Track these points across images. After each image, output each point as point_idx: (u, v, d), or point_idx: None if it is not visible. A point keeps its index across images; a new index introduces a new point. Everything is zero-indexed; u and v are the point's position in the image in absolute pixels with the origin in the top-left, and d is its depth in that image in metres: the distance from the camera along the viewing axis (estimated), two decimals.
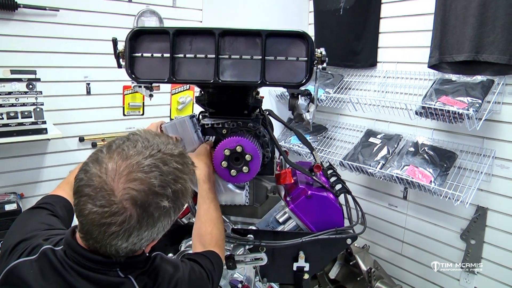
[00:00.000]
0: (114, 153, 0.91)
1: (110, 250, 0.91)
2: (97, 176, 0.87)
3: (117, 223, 0.86)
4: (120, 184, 0.87)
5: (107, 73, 2.81)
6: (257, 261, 1.50)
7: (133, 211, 0.87)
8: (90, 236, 0.90)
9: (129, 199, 0.86)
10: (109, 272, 0.95)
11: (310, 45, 1.25)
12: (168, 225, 0.97)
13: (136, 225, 0.88)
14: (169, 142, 0.99)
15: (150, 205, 0.88)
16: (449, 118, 2.37)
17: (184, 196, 0.96)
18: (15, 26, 2.48)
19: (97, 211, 0.86)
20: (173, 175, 0.93)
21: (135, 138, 0.95)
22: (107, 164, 0.89)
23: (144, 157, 0.90)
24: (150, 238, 0.94)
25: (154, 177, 0.89)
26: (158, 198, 0.89)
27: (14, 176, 2.60)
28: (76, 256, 0.94)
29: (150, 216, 0.89)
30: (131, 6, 2.88)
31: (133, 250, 0.95)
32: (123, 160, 0.89)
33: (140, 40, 1.31)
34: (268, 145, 1.53)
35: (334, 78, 3.23)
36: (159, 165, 0.91)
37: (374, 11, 3.00)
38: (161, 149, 0.94)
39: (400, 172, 2.57)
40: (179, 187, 0.93)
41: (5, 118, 2.29)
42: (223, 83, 1.28)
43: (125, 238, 0.88)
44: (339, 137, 3.32)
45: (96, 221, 0.86)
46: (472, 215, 2.57)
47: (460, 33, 2.36)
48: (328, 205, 1.54)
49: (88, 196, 0.87)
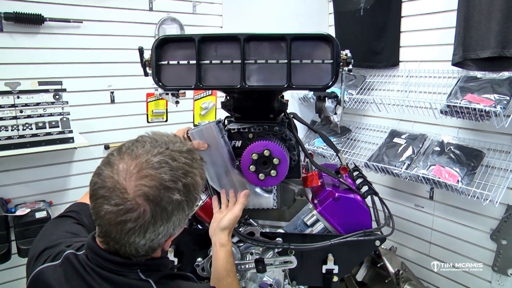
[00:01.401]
0: (124, 154, 0.94)
1: (130, 249, 0.94)
2: (110, 177, 0.91)
3: (132, 220, 0.88)
4: (131, 182, 0.90)
5: (130, 81, 2.86)
6: (287, 264, 1.49)
7: (146, 206, 0.89)
8: (110, 237, 0.93)
9: (142, 195, 0.89)
10: (129, 274, 0.97)
11: (336, 48, 1.25)
12: (183, 219, 0.99)
13: (151, 220, 0.90)
14: (177, 141, 1.02)
15: (162, 199, 0.90)
16: (475, 116, 2.32)
17: (195, 189, 0.98)
18: (42, 39, 2.55)
19: (112, 210, 0.89)
20: (183, 169, 0.95)
21: (144, 139, 0.98)
22: (118, 165, 0.92)
23: (153, 154, 0.93)
24: (167, 234, 0.96)
25: (164, 172, 0.92)
26: (170, 192, 0.91)
27: (43, 185, 2.67)
28: (97, 259, 0.97)
29: (163, 210, 0.91)
30: (152, 15, 2.93)
31: (152, 248, 0.97)
32: (133, 159, 0.92)
33: (166, 48, 1.33)
34: (294, 148, 1.53)
35: (357, 79, 3.21)
36: (168, 161, 0.93)
37: (395, 10, 2.97)
38: (169, 147, 0.97)
39: (426, 172, 2.53)
40: (189, 181, 0.95)
41: (34, 129, 2.35)
42: (250, 88, 1.29)
43: (142, 234, 0.91)
44: (363, 138, 3.29)
45: (113, 220, 0.89)
46: (502, 214, 2.51)
47: (485, 29, 2.31)
48: (356, 207, 1.53)
49: (103, 197, 0.90)
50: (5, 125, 2.27)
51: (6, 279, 2.56)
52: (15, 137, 2.29)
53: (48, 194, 2.69)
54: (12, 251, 2.43)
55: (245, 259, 1.54)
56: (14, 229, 2.41)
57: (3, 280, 2.56)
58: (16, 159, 2.49)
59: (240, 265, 1.49)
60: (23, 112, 2.33)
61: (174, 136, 1.04)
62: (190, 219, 1.63)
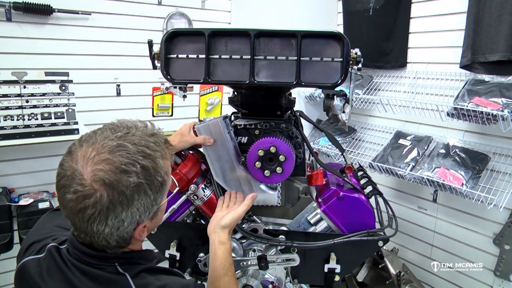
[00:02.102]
0: (83, 142, 0.93)
1: (100, 240, 0.93)
2: (69, 166, 0.90)
3: (90, 206, 0.87)
4: (88, 167, 0.88)
5: (136, 74, 2.86)
6: (289, 262, 1.49)
7: (103, 191, 0.87)
8: (77, 228, 0.93)
9: (98, 180, 0.88)
10: (107, 267, 0.97)
11: (346, 46, 1.25)
12: (149, 205, 0.95)
13: (109, 205, 0.88)
14: (142, 126, 1.00)
15: (119, 183, 0.88)
16: (482, 119, 2.31)
17: (156, 171, 0.94)
18: (50, 30, 2.55)
19: (72, 198, 0.88)
20: (142, 152, 0.93)
21: (105, 127, 0.98)
22: (77, 154, 0.91)
23: (110, 139, 0.92)
24: (133, 221, 0.93)
25: (120, 155, 0.90)
26: (127, 174, 0.89)
27: (47, 175, 2.67)
28: (77, 252, 0.98)
29: (121, 193, 0.89)
30: (160, 9, 2.92)
31: (122, 238, 0.95)
32: (90, 146, 0.91)
33: (176, 42, 1.33)
34: (300, 146, 1.53)
35: (364, 79, 3.20)
36: (125, 145, 0.92)
37: (404, 11, 2.96)
38: (130, 131, 0.96)
39: (431, 174, 2.52)
40: (148, 163, 0.93)
41: (39, 119, 2.35)
42: (259, 83, 1.28)
43: (103, 221, 0.89)
44: (368, 138, 3.28)
45: (74, 208, 0.89)
46: (506, 219, 2.49)
47: (495, 32, 2.29)
48: (360, 207, 1.53)
49: (64, 186, 0.90)
50: (11, 114, 2.28)
51: (8, 268, 2.57)
52: (21, 126, 2.30)
53: (51, 185, 2.69)
54: (14, 240, 2.44)
55: (247, 255, 1.54)
56: (17, 218, 2.42)
57: (6, 269, 2.57)
58: (21, 149, 2.50)
59: (242, 262, 1.49)
60: (29, 102, 2.33)
61: (141, 122, 1.02)
62: (193, 214, 1.63)
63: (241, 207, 1.40)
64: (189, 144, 1.45)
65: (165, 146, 1.02)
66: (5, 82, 2.27)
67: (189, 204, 1.56)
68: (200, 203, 1.52)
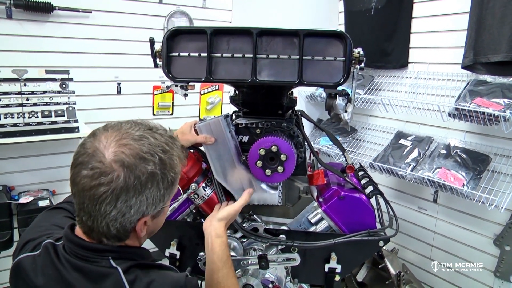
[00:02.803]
0: (109, 127, 0.99)
1: (102, 225, 0.94)
2: (92, 145, 0.94)
3: (105, 183, 0.90)
4: (111, 148, 0.93)
5: (137, 73, 2.85)
6: (290, 261, 1.49)
7: (120, 171, 0.90)
8: (83, 210, 0.94)
9: (118, 160, 0.91)
10: (101, 261, 0.97)
11: (348, 45, 1.24)
12: (158, 199, 0.98)
13: (124, 185, 0.91)
14: (162, 128, 1.05)
15: (136, 167, 0.92)
16: (483, 120, 2.30)
17: (171, 168, 0.99)
18: (50, 28, 2.55)
19: (87, 174, 0.91)
20: (161, 147, 0.98)
21: (130, 121, 1.02)
22: (100, 136, 0.96)
23: (135, 129, 0.98)
24: (139, 210, 0.95)
25: (142, 144, 0.95)
26: (145, 162, 0.93)
27: (47, 173, 2.67)
28: (71, 246, 0.98)
29: (136, 178, 0.92)
30: (161, 7, 2.92)
31: (124, 227, 0.96)
32: (116, 131, 0.97)
33: (178, 40, 1.32)
34: (301, 146, 1.52)
35: (365, 79, 3.20)
36: (148, 137, 0.97)
37: (406, 11, 2.95)
38: (152, 129, 1.02)
39: (432, 174, 2.52)
40: (166, 158, 0.98)
41: (39, 117, 2.35)
42: (261, 82, 1.28)
43: (113, 202, 0.91)
44: (369, 138, 3.28)
45: (87, 185, 0.91)
46: (507, 220, 2.49)
47: (497, 33, 2.29)
48: (361, 207, 1.52)
49: (82, 163, 0.93)
50: (11, 112, 2.27)
51: (8, 266, 2.53)
52: (21, 124, 2.29)
53: (51, 183, 2.69)
54: (14, 238, 2.44)
55: (248, 254, 1.53)
56: (17, 216, 2.42)
57: (5, 267, 2.57)
58: (21, 147, 2.49)
59: (242, 261, 1.48)
60: (29, 100, 2.33)
61: (161, 126, 1.07)
62: (193, 213, 1.63)
63: (238, 201, 1.42)
64: (190, 143, 1.45)
65: (181, 150, 1.07)
66: (6, 79, 2.26)
67: (189, 203, 1.55)
68: (200, 202, 1.51)
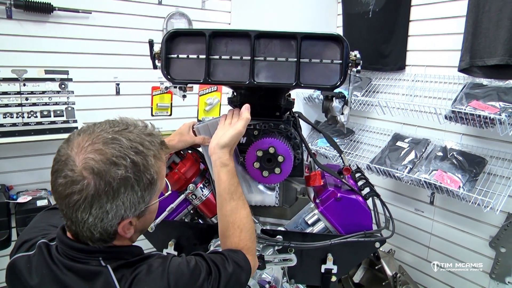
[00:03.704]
0: (81, 132, 0.97)
1: (84, 230, 0.94)
2: (65, 152, 0.94)
3: (77, 192, 0.90)
4: (81, 155, 0.91)
5: (136, 74, 2.86)
6: (286, 262, 1.50)
7: (90, 179, 0.90)
8: (64, 215, 0.95)
9: (88, 168, 0.90)
10: (91, 261, 0.98)
11: (345, 48, 1.25)
12: (136, 202, 0.96)
13: (95, 193, 0.90)
14: (142, 125, 1.03)
15: (107, 173, 0.90)
16: (479, 123, 2.32)
17: (146, 169, 0.95)
18: (50, 28, 2.56)
19: (62, 182, 0.91)
20: (135, 148, 0.94)
21: (106, 121, 1.01)
22: (73, 141, 0.94)
23: (107, 132, 0.95)
24: (118, 214, 0.94)
25: (113, 148, 0.92)
26: (116, 167, 0.91)
27: (46, 173, 2.63)
28: (63, 247, 0.99)
29: (107, 184, 0.90)
30: (160, 8, 2.93)
31: (106, 231, 0.95)
32: (87, 135, 0.94)
33: (176, 42, 1.34)
34: (298, 147, 1.53)
35: (362, 81, 3.21)
36: (120, 139, 0.94)
37: (404, 13, 2.97)
38: (128, 128, 0.99)
39: (428, 176, 2.53)
40: (139, 159, 0.94)
41: (39, 117, 2.36)
42: (258, 84, 1.29)
43: (87, 209, 0.91)
44: (366, 140, 3.29)
45: (62, 193, 0.91)
46: (502, 222, 2.51)
47: (493, 36, 2.31)
48: (358, 208, 1.53)
49: (57, 171, 0.93)
50: (10, 112, 2.28)
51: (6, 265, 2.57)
52: (20, 124, 2.30)
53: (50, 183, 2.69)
54: (12, 237, 2.44)
55: None
56: (15, 216, 2.42)
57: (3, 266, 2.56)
58: (20, 146, 2.50)
59: None
60: (28, 99, 2.34)
61: (142, 122, 1.05)
62: (191, 213, 1.64)
63: (239, 122, 1.30)
64: (188, 143, 1.46)
65: (160, 147, 1.03)
66: (5, 79, 2.28)
67: (187, 203, 1.56)
68: (198, 202, 1.52)
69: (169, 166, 1.45)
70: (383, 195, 3.14)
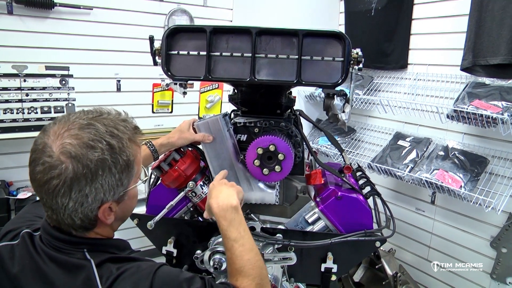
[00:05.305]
0: (57, 121, 0.98)
1: (65, 217, 0.95)
2: (42, 141, 0.95)
3: (56, 176, 0.91)
4: (58, 141, 0.93)
5: (137, 70, 2.86)
6: (286, 260, 1.49)
7: (68, 163, 0.91)
8: (44, 204, 0.96)
9: (65, 152, 0.92)
10: (75, 253, 0.98)
11: (347, 46, 1.25)
12: (114, 184, 0.97)
13: (73, 176, 0.91)
14: (116, 113, 1.05)
15: (84, 156, 0.92)
16: (481, 122, 2.31)
17: (122, 151, 0.97)
18: (51, 24, 2.55)
19: (40, 169, 0.92)
20: (110, 132, 0.97)
21: (81, 111, 1.02)
22: (49, 131, 0.96)
23: (82, 119, 0.97)
24: (97, 198, 0.96)
25: (88, 132, 0.94)
26: (93, 150, 0.93)
27: None
28: (48, 237, 1.00)
29: (85, 167, 0.92)
30: (162, 5, 2.92)
31: (86, 216, 0.97)
32: (63, 124, 0.96)
33: (177, 38, 1.33)
34: (299, 145, 1.53)
35: (364, 80, 3.20)
36: (95, 124, 0.96)
37: (406, 12, 2.95)
38: (103, 115, 1.01)
39: (430, 176, 2.52)
40: (115, 142, 0.96)
41: (39, 113, 2.36)
42: (259, 81, 1.28)
43: (67, 194, 0.92)
44: (367, 139, 3.28)
45: (41, 180, 0.92)
46: (504, 222, 2.50)
47: (497, 35, 2.29)
48: (358, 207, 1.53)
49: (35, 160, 0.94)
50: (11, 107, 2.28)
51: None
52: (20, 120, 2.30)
53: None
54: None
55: None
56: (15, 211, 2.42)
57: None
58: (20, 142, 2.49)
59: None
60: (29, 95, 2.34)
61: (116, 110, 1.06)
62: (191, 211, 1.63)
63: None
64: (188, 141, 1.46)
65: (135, 132, 1.05)
66: (6, 75, 2.27)
67: (187, 201, 1.56)
68: (198, 200, 1.52)
69: (169, 163, 1.45)
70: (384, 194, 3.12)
